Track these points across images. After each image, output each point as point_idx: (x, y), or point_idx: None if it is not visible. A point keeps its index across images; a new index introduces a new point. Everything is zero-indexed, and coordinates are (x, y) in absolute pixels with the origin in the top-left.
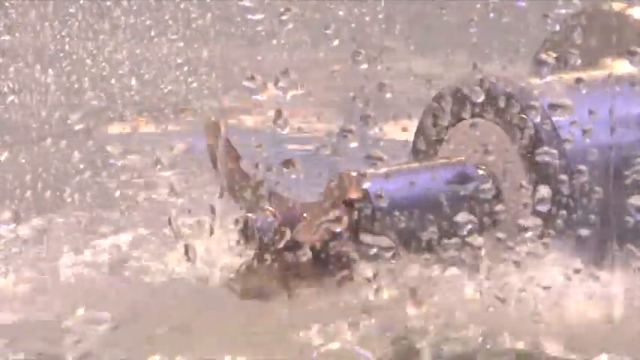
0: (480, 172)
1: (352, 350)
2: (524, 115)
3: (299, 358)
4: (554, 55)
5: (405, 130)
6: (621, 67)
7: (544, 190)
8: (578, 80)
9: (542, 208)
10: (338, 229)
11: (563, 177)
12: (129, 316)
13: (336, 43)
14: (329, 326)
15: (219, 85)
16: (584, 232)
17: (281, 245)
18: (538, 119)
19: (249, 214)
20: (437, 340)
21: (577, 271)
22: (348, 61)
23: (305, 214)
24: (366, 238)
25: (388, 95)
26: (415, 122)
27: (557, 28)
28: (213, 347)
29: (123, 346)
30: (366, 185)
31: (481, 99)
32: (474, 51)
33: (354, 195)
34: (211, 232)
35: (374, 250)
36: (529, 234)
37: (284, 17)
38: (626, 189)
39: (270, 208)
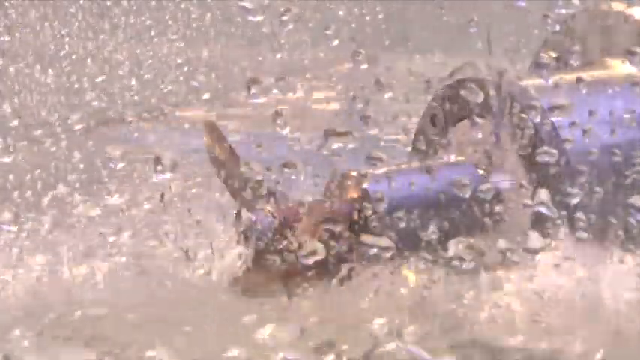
0: (480, 172)
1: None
2: (524, 115)
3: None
4: (554, 55)
5: (405, 130)
6: (621, 67)
7: (543, 193)
8: (578, 80)
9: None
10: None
11: (563, 177)
12: (128, 315)
13: (336, 43)
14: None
15: (219, 85)
16: (585, 231)
17: (280, 245)
18: (538, 119)
19: (249, 215)
20: (435, 341)
21: (577, 272)
22: (348, 61)
23: (304, 214)
24: (366, 238)
25: (388, 95)
26: (415, 122)
27: (557, 28)
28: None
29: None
30: (366, 185)
31: (481, 99)
32: (474, 51)
33: (354, 195)
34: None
35: (374, 250)
36: (529, 233)
37: (284, 18)
38: (626, 189)
39: (269, 208)
